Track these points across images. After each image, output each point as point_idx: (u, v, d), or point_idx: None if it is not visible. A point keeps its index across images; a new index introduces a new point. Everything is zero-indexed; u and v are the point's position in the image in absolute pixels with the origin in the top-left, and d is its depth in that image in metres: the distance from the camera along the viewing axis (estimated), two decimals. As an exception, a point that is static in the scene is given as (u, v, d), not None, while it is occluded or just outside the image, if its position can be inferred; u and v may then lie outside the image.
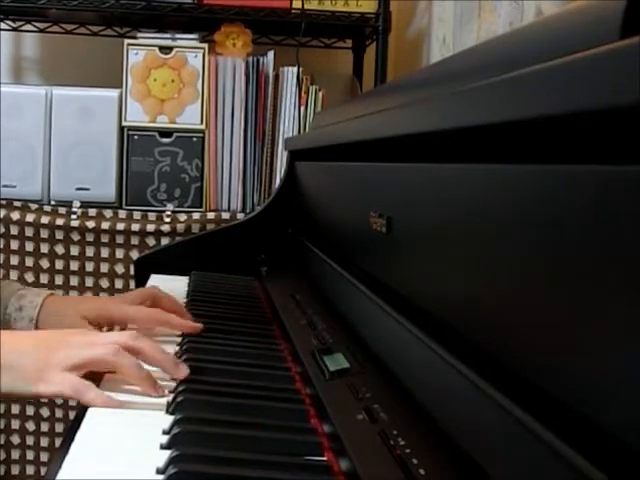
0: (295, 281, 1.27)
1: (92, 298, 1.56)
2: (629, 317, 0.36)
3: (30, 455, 1.91)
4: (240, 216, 1.86)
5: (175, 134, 1.93)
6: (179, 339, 0.98)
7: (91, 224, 1.87)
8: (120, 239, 1.88)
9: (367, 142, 0.87)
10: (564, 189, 0.42)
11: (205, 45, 1.94)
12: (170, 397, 0.76)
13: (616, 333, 0.37)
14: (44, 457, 1.91)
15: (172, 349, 0.94)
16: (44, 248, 1.88)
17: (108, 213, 1.89)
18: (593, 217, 0.39)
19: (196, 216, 1.89)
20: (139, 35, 1.99)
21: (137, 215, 1.89)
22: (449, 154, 0.62)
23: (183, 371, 0.80)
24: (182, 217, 1.89)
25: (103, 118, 1.91)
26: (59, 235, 1.87)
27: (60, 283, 1.88)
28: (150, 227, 1.87)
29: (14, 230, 1.87)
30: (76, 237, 1.88)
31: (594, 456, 0.37)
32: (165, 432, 0.67)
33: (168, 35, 1.97)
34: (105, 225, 1.87)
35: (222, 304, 1.18)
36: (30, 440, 1.91)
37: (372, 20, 1.97)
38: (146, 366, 0.79)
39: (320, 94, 1.95)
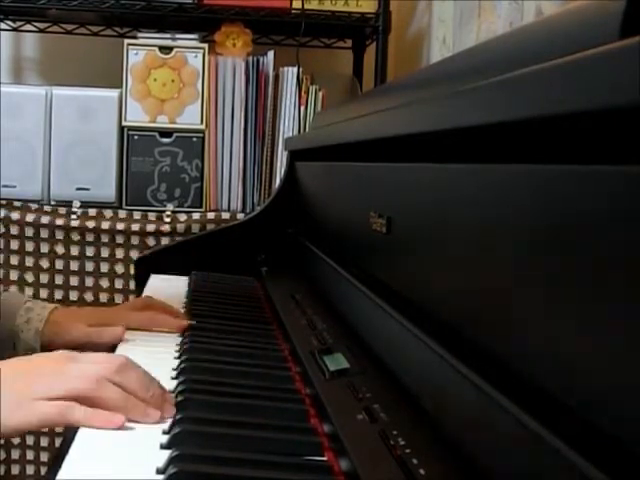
0: (295, 281, 1.27)
1: (93, 309, 1.54)
2: (629, 317, 0.36)
3: (30, 455, 1.91)
4: (240, 216, 1.86)
5: (175, 134, 1.93)
6: (179, 339, 0.98)
7: (91, 224, 1.87)
8: (120, 239, 1.88)
9: (367, 142, 0.87)
10: (564, 189, 0.42)
11: (205, 45, 1.94)
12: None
13: (616, 333, 0.37)
14: (44, 457, 1.90)
15: (172, 349, 0.94)
16: (44, 248, 1.88)
17: (108, 213, 1.89)
18: (593, 217, 0.39)
19: (196, 216, 1.89)
20: (139, 35, 1.99)
21: (137, 215, 1.89)
22: (449, 154, 0.62)
23: (169, 410, 0.72)
24: (182, 217, 1.88)
25: (103, 118, 1.91)
26: (59, 235, 1.87)
27: (60, 283, 1.88)
28: (150, 227, 1.87)
29: (14, 230, 1.87)
30: (76, 237, 1.88)
31: (595, 457, 0.37)
32: (165, 432, 0.67)
33: (168, 35, 1.97)
34: (105, 225, 1.87)
35: (222, 304, 1.18)
36: (30, 440, 1.90)
37: (372, 20, 1.97)
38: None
39: (320, 94, 1.95)
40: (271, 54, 1.95)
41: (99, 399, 0.70)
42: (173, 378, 0.82)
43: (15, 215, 1.86)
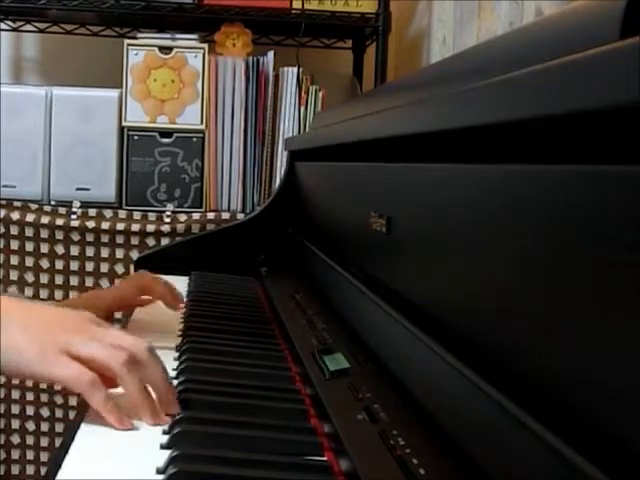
0: (295, 281, 1.27)
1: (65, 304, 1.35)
2: (629, 317, 0.36)
3: (30, 455, 1.91)
4: (240, 216, 1.86)
5: (175, 134, 1.93)
6: (179, 339, 0.98)
7: (91, 224, 1.87)
8: (120, 239, 1.88)
9: (367, 142, 0.87)
10: (564, 189, 0.42)
11: (205, 45, 1.94)
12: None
13: (616, 333, 0.37)
14: (44, 457, 1.91)
15: (172, 349, 0.94)
16: (44, 248, 1.88)
17: (108, 213, 1.89)
18: (593, 217, 0.39)
19: (196, 216, 1.89)
20: (139, 35, 1.99)
21: (137, 215, 1.89)
22: (449, 154, 0.62)
23: (173, 408, 0.71)
24: (182, 217, 1.88)
25: (103, 118, 1.91)
26: (59, 235, 1.87)
27: (60, 283, 1.88)
28: (150, 227, 1.87)
29: (14, 230, 1.87)
30: (76, 237, 1.88)
31: (595, 456, 0.37)
32: (165, 432, 0.67)
33: (168, 35, 1.97)
34: (105, 225, 1.87)
35: (222, 304, 1.18)
36: (30, 440, 1.90)
37: (372, 20, 1.97)
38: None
39: (320, 94, 1.95)
40: (271, 54, 1.95)
41: (120, 376, 0.68)
42: (173, 378, 0.82)
43: (15, 215, 1.86)
